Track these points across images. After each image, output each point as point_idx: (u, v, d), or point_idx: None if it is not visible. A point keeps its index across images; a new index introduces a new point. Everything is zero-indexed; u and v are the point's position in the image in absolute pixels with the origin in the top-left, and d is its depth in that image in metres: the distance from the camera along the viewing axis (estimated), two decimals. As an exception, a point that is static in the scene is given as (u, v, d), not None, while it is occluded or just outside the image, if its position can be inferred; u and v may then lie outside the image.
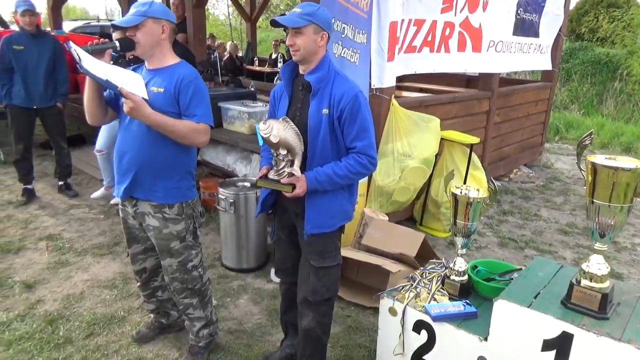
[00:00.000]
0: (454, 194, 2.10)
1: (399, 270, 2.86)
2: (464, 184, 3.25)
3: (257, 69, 9.89)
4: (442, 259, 2.58)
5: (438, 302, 2.15)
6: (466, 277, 2.20)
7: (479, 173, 4.26)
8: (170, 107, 2.07)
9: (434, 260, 2.56)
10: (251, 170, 4.07)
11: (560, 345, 1.74)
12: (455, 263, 2.20)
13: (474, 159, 4.21)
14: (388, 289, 2.32)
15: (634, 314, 1.79)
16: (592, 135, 1.90)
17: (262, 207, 2.22)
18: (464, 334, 1.98)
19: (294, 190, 1.96)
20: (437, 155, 4.11)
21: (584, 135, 1.89)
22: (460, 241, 2.18)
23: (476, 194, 2.09)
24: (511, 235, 4.32)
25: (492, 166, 5.52)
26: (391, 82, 3.70)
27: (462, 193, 2.10)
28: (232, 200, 3.32)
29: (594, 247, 1.77)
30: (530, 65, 5.90)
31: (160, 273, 2.49)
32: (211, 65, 6.66)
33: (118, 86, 1.92)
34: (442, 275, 2.31)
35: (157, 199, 2.19)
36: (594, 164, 1.66)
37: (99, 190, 4.79)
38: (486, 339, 1.92)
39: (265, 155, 2.23)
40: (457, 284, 2.18)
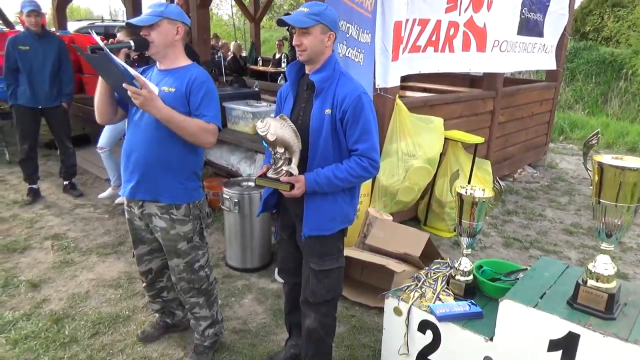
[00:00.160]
0: (460, 194, 2.10)
1: (404, 270, 2.86)
2: (469, 183, 3.24)
3: (260, 68, 9.90)
4: (446, 258, 2.58)
5: (443, 302, 2.14)
6: (471, 277, 2.20)
7: (485, 175, 4.25)
8: (180, 106, 2.07)
9: (439, 260, 2.56)
10: (255, 170, 4.07)
11: (566, 346, 1.73)
12: (460, 263, 2.20)
13: (484, 164, 4.20)
14: (393, 289, 2.32)
15: (641, 314, 1.78)
16: (599, 135, 1.89)
17: (264, 206, 2.21)
18: (469, 334, 1.97)
19: (292, 189, 1.94)
20: (442, 155, 4.10)
21: (591, 134, 1.88)
22: (465, 241, 2.17)
23: (481, 193, 2.09)
24: (516, 236, 4.31)
25: (496, 166, 5.50)
26: (395, 82, 3.70)
27: (468, 193, 2.09)
28: (236, 200, 3.33)
29: (601, 247, 1.77)
30: (535, 65, 5.88)
31: (166, 274, 2.50)
32: (215, 65, 6.68)
33: (134, 75, 1.93)
34: (447, 275, 2.30)
35: (164, 199, 2.19)
36: (600, 163, 1.65)
37: (106, 190, 4.80)
38: (492, 339, 1.91)
39: (268, 154, 2.22)
40: (463, 284, 2.18)
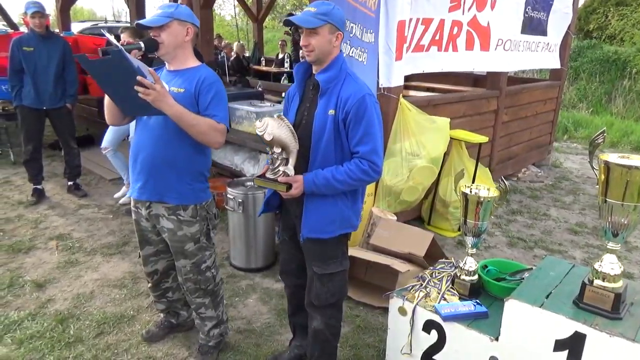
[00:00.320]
0: (464, 194, 2.09)
1: (408, 270, 2.85)
2: (473, 183, 3.23)
3: (264, 69, 9.92)
4: (451, 258, 2.57)
5: (448, 301, 2.14)
6: (476, 277, 2.20)
7: (482, 173, 4.24)
8: (190, 107, 2.06)
9: (443, 260, 2.55)
10: (259, 170, 4.07)
11: (572, 346, 1.72)
12: (465, 262, 2.19)
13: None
14: (397, 289, 2.31)
15: (648, 314, 1.77)
16: (605, 134, 1.88)
17: (266, 207, 2.20)
18: (474, 333, 1.97)
19: (289, 190, 1.92)
20: (446, 155, 4.09)
21: (597, 133, 1.87)
22: (470, 240, 2.17)
23: (486, 193, 2.08)
24: (520, 235, 4.29)
25: (500, 165, 5.49)
26: (399, 82, 3.69)
27: (473, 192, 2.09)
28: (240, 200, 3.33)
29: (607, 247, 1.76)
30: (539, 64, 5.86)
31: (171, 275, 2.50)
32: (218, 66, 6.70)
33: (149, 71, 1.92)
34: (452, 274, 2.30)
35: (171, 200, 2.19)
36: (607, 162, 1.65)
37: (120, 189, 4.76)
38: (497, 339, 1.91)
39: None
40: (468, 284, 2.17)
